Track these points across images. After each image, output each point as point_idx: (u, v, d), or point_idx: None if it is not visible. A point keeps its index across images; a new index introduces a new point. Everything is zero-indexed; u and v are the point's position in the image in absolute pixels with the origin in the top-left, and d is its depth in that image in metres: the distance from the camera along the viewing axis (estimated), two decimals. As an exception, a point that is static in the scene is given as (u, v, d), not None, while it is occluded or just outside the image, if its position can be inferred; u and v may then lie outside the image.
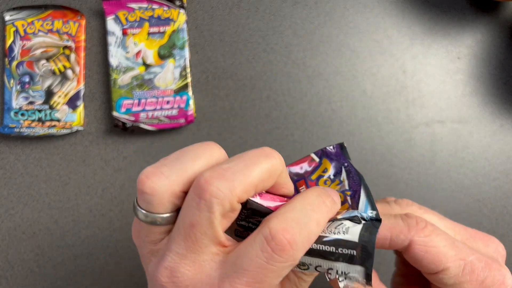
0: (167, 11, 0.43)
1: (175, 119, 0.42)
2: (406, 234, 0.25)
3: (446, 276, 0.25)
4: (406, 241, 0.25)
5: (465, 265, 0.25)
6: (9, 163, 0.43)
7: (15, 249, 0.42)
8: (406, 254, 0.26)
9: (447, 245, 0.25)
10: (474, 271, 0.25)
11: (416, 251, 0.25)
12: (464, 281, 0.25)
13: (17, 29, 0.43)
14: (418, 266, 0.26)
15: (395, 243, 0.26)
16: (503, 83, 0.43)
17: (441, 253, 0.25)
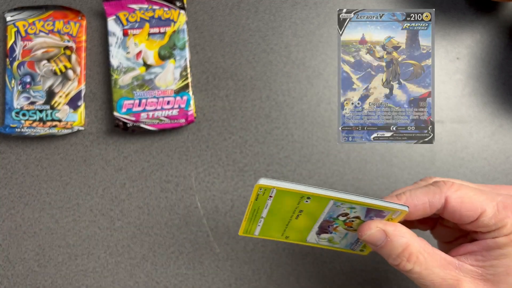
0: (167, 12, 0.43)
1: (176, 119, 0.42)
2: (440, 193, 0.29)
3: (486, 218, 0.28)
4: (442, 199, 0.29)
5: (497, 204, 0.28)
6: (10, 163, 0.43)
7: (16, 249, 0.42)
8: (445, 211, 0.29)
9: (477, 193, 0.29)
10: (507, 206, 0.28)
11: (453, 203, 0.28)
12: (503, 217, 0.28)
13: (18, 29, 0.44)
14: (458, 219, 0.29)
15: (434, 205, 0.29)
16: (502, 83, 0.43)
17: (474, 199, 0.28)
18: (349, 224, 0.31)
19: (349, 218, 0.31)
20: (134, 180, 0.43)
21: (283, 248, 0.41)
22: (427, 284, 0.29)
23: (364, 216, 0.30)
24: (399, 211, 0.29)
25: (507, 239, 0.28)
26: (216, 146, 0.43)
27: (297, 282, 0.41)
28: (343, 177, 0.42)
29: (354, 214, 0.30)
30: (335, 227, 0.32)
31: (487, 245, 0.28)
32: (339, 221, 0.31)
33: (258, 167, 0.42)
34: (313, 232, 0.33)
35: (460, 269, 0.29)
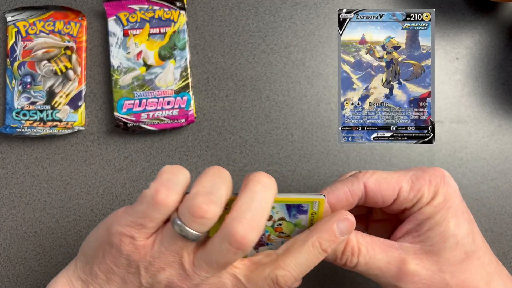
0: (167, 12, 0.43)
1: (176, 119, 0.42)
2: (357, 181, 0.30)
3: (404, 193, 0.29)
4: (361, 185, 0.30)
5: (410, 178, 0.30)
6: (11, 163, 0.43)
7: (16, 249, 0.42)
8: (367, 197, 0.30)
9: (390, 174, 0.30)
10: (419, 177, 0.30)
11: (372, 187, 0.30)
12: (419, 187, 0.29)
13: (19, 29, 0.44)
14: (380, 202, 0.30)
15: (355, 192, 0.30)
16: (502, 83, 0.44)
17: (389, 179, 0.30)
18: (279, 230, 0.31)
19: (275, 222, 0.30)
20: (134, 180, 0.43)
21: (283, 247, 0.42)
22: (376, 273, 0.29)
23: (287, 216, 0.30)
24: (317, 200, 0.29)
25: (431, 207, 0.29)
26: (216, 146, 0.43)
27: (297, 281, 0.41)
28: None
29: (278, 216, 0.30)
30: (267, 236, 0.31)
31: (416, 219, 0.29)
32: (268, 227, 0.30)
33: (258, 167, 0.43)
34: None
35: (402, 249, 0.29)
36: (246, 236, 0.25)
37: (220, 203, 0.26)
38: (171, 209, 0.26)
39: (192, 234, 0.26)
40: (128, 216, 0.27)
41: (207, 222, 0.25)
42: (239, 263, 0.28)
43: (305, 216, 0.30)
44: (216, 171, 0.28)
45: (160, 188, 0.26)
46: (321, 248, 0.28)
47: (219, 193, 0.26)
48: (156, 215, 0.26)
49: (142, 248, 0.27)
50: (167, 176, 0.27)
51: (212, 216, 0.25)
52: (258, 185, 0.27)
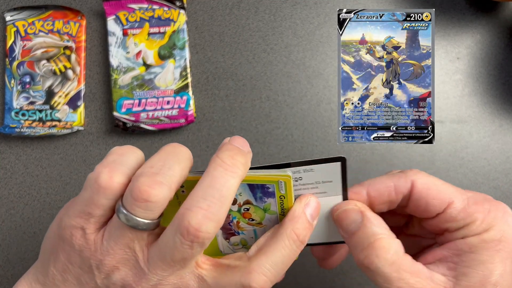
0: (167, 12, 0.43)
1: (176, 119, 0.42)
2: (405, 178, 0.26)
3: (454, 210, 0.25)
4: (408, 183, 0.26)
5: (467, 199, 0.25)
6: (10, 163, 0.43)
7: (16, 249, 0.42)
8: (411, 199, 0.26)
9: (445, 184, 0.26)
10: (477, 202, 0.25)
11: (420, 188, 0.26)
12: (473, 211, 0.25)
13: (18, 29, 0.44)
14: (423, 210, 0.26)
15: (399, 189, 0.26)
16: (502, 83, 0.43)
17: (442, 189, 0.25)
18: (248, 216, 0.28)
19: (242, 206, 0.27)
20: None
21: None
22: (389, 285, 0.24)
23: (253, 198, 0.27)
24: (282, 180, 0.25)
25: (479, 240, 0.24)
26: (216, 146, 0.43)
27: (297, 282, 0.41)
28: (343, 177, 0.42)
29: (242, 198, 0.27)
30: (236, 223, 0.28)
31: (457, 248, 0.25)
32: (234, 212, 0.27)
33: (258, 167, 0.43)
34: (220, 238, 0.29)
35: (431, 279, 0.24)
36: (200, 227, 0.22)
37: (169, 184, 0.23)
38: (116, 192, 0.23)
39: (138, 222, 0.23)
40: (76, 205, 0.24)
41: (152, 206, 0.22)
42: (205, 263, 0.25)
43: (273, 200, 0.27)
44: (170, 149, 0.25)
45: (102, 170, 0.23)
46: (299, 239, 0.26)
47: (169, 173, 0.23)
48: (101, 200, 0.23)
49: (92, 243, 0.24)
50: (113, 157, 0.24)
51: (158, 199, 0.22)
52: (218, 168, 0.23)
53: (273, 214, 0.27)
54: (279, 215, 0.28)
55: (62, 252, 0.25)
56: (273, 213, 0.27)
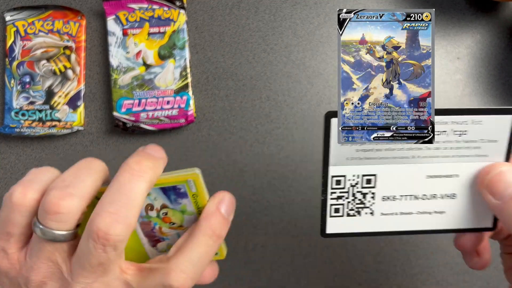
0: (167, 12, 0.43)
1: (176, 119, 0.42)
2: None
3: None
4: None
5: None
6: (10, 163, 0.43)
7: (15, 249, 0.42)
8: None
9: None
10: None
11: None
12: None
13: (18, 29, 0.44)
14: None
15: None
16: (502, 83, 0.43)
17: None
18: (168, 220, 0.28)
19: (160, 211, 0.27)
20: (134, 180, 0.43)
21: (283, 248, 0.41)
22: None
23: (168, 201, 0.27)
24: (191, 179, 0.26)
25: None
26: (216, 146, 0.43)
27: (297, 282, 0.41)
28: (343, 177, 0.42)
29: (158, 203, 0.27)
30: (159, 229, 0.28)
31: None
32: (154, 218, 0.28)
33: (258, 167, 0.42)
34: (147, 246, 0.29)
35: None
36: (108, 230, 0.22)
37: (81, 196, 0.24)
38: (31, 209, 0.24)
39: (54, 235, 0.23)
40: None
41: (64, 217, 0.23)
42: (130, 269, 0.25)
43: (187, 200, 0.27)
44: (82, 164, 0.26)
45: (16, 188, 0.24)
46: (215, 234, 0.26)
47: (81, 185, 0.24)
48: (17, 218, 0.24)
49: (16, 262, 0.24)
50: (28, 177, 0.25)
51: (69, 210, 0.23)
52: (125, 174, 0.24)
53: (191, 215, 0.28)
54: (197, 215, 0.28)
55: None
56: (191, 214, 0.28)
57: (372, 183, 0.25)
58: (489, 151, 0.25)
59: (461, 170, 0.25)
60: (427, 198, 0.25)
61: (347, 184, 0.25)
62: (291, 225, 0.42)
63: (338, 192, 0.25)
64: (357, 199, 0.25)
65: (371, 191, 0.25)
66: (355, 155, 0.25)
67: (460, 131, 0.25)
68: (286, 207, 0.42)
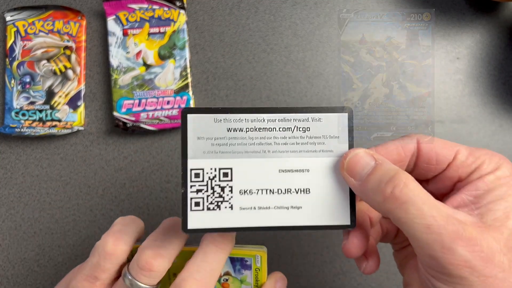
0: (167, 12, 0.43)
1: (176, 119, 0.42)
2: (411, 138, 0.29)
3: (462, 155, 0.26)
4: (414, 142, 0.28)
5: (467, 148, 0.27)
6: (10, 163, 0.43)
7: (16, 249, 0.42)
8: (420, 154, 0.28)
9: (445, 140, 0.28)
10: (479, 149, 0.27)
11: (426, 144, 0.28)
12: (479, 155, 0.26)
13: (18, 29, 0.44)
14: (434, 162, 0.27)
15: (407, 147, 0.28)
16: (502, 83, 0.43)
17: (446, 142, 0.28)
18: (227, 286, 0.30)
19: (221, 276, 0.30)
20: (134, 180, 0.43)
21: (283, 248, 0.41)
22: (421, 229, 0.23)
23: (232, 270, 0.30)
24: (259, 255, 0.29)
25: (494, 177, 0.25)
26: (216, 146, 0.43)
27: (297, 282, 0.41)
28: (343, 177, 0.42)
29: (224, 270, 0.30)
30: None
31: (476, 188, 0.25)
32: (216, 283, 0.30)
33: (258, 167, 0.42)
34: None
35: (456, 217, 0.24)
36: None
37: (169, 257, 0.27)
38: (120, 258, 0.27)
39: (140, 286, 0.26)
40: (83, 270, 0.27)
41: (154, 275, 0.26)
42: None
43: (249, 272, 0.30)
44: (170, 224, 0.29)
45: (109, 239, 0.27)
46: None
47: (170, 247, 0.27)
48: (107, 265, 0.27)
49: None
50: (118, 227, 0.28)
51: (159, 269, 0.26)
52: (210, 245, 0.27)
53: (248, 286, 0.30)
54: (253, 286, 0.30)
55: None
56: (248, 284, 0.30)
57: (228, 176, 0.26)
58: (333, 147, 0.27)
59: (310, 165, 0.27)
60: (283, 192, 0.26)
61: (205, 177, 0.26)
62: (291, 225, 0.42)
63: (197, 185, 0.26)
64: (216, 193, 0.26)
65: (228, 184, 0.26)
66: (211, 149, 0.26)
67: (303, 127, 0.26)
68: (286, 207, 0.42)
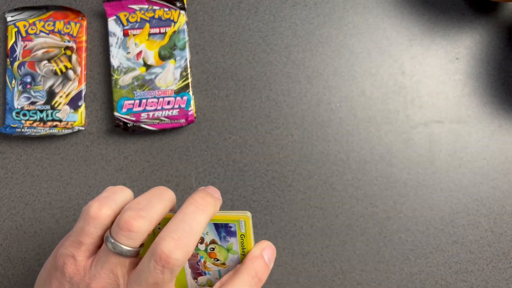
0: (167, 12, 0.43)
1: (176, 119, 0.42)
2: None
3: None
4: None
5: None
6: (11, 162, 0.43)
7: (16, 248, 0.42)
8: None
9: None
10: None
11: None
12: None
13: (19, 29, 0.44)
14: None
15: None
16: (502, 83, 0.43)
17: None
18: (214, 255, 0.31)
19: (208, 245, 0.30)
20: (134, 180, 0.43)
21: (283, 247, 0.42)
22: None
23: (218, 238, 0.30)
24: (243, 219, 0.29)
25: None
26: (216, 146, 0.43)
27: (297, 282, 0.41)
28: (343, 177, 0.42)
29: (209, 237, 0.30)
30: (203, 263, 0.31)
31: None
32: (201, 251, 0.31)
33: (258, 167, 0.43)
34: (189, 277, 0.32)
35: None
36: (171, 254, 0.25)
37: (150, 219, 0.27)
38: (104, 223, 0.27)
39: (122, 249, 0.26)
40: (70, 237, 0.28)
41: (134, 235, 0.26)
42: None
43: (235, 240, 0.30)
44: (156, 190, 0.29)
45: (94, 204, 0.27)
46: (257, 276, 0.29)
47: (152, 210, 0.27)
48: (90, 229, 0.27)
49: (82, 269, 0.27)
50: (105, 194, 0.28)
51: (139, 229, 0.26)
52: (190, 206, 0.28)
53: (235, 254, 0.31)
54: (240, 255, 0.31)
55: (54, 280, 0.28)
56: (235, 253, 0.31)
57: None
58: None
59: None
60: None
61: None
62: (291, 225, 0.42)
63: None
64: None
65: None
66: None
67: None
68: (286, 207, 0.42)
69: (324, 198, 0.42)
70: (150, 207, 0.27)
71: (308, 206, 0.42)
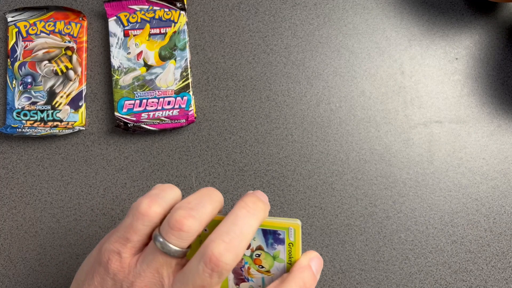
0: (168, 13, 0.43)
1: (176, 119, 0.42)
2: None
3: None
4: None
5: None
6: (12, 162, 0.43)
7: (17, 248, 0.42)
8: None
9: None
10: None
11: None
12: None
13: (20, 30, 0.44)
14: None
15: None
16: (501, 83, 0.44)
17: None
18: (259, 262, 0.30)
19: (253, 251, 0.29)
20: (135, 180, 0.43)
21: (283, 247, 0.42)
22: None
23: (265, 244, 0.29)
24: (293, 227, 0.28)
25: None
26: (216, 146, 0.43)
27: (297, 281, 0.41)
28: (342, 177, 0.42)
29: (255, 243, 0.29)
30: (247, 269, 0.30)
31: None
32: (246, 257, 0.30)
33: (258, 167, 0.43)
34: (231, 282, 0.31)
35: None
36: (221, 257, 0.24)
37: (200, 220, 0.26)
38: (153, 220, 0.27)
39: (171, 249, 0.26)
40: (116, 232, 0.27)
41: (184, 235, 0.25)
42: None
43: (282, 247, 0.29)
44: (206, 191, 0.28)
45: (144, 200, 0.27)
46: (305, 286, 0.28)
47: (202, 210, 0.26)
48: (139, 226, 0.26)
49: (127, 266, 0.26)
50: (155, 192, 0.28)
51: (190, 229, 0.25)
52: (242, 210, 0.27)
53: (281, 263, 0.30)
54: (286, 264, 0.29)
55: (97, 275, 0.27)
56: (281, 261, 0.30)
57: None
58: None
59: None
60: None
61: None
62: (291, 224, 0.42)
63: None
64: None
65: None
66: None
67: None
68: (286, 207, 0.42)
69: (324, 198, 0.42)
70: (200, 207, 0.27)
71: (308, 205, 0.42)
